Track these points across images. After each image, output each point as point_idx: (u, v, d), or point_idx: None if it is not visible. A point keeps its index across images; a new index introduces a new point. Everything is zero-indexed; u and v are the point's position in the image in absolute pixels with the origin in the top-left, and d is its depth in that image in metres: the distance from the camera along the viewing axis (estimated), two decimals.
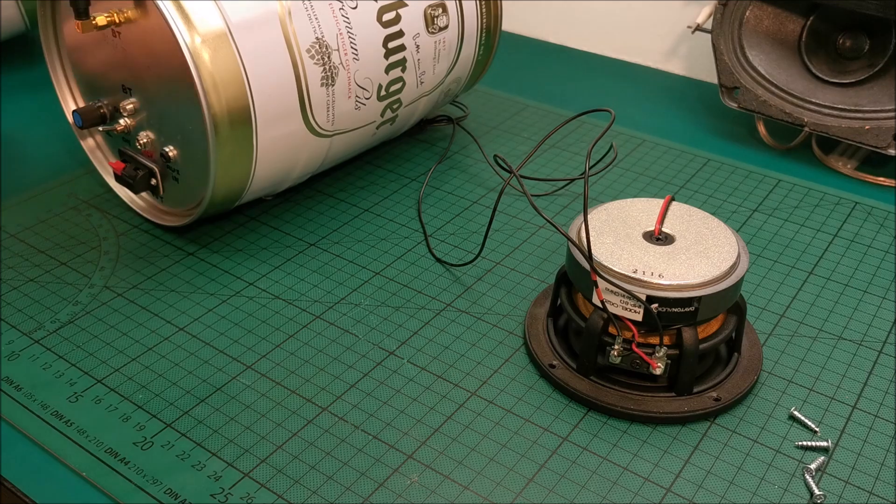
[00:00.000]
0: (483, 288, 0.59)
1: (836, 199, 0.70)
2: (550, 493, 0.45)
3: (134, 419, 0.48)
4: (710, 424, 0.49)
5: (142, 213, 0.64)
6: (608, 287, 0.47)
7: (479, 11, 0.69)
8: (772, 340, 0.55)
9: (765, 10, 0.76)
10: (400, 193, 0.69)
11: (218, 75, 0.53)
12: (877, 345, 0.55)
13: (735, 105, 0.76)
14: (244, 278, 0.59)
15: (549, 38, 1.02)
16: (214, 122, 0.54)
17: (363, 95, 0.62)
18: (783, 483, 0.46)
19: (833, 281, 0.61)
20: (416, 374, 0.52)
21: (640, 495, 0.45)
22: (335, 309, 0.57)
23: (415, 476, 0.46)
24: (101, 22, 0.55)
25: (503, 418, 0.49)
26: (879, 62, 0.73)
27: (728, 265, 0.48)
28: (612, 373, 0.51)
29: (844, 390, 0.52)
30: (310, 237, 0.64)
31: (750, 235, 0.65)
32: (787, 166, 0.75)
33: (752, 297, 0.59)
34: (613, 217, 0.52)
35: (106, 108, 0.61)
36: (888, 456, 0.47)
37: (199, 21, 0.53)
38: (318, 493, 0.44)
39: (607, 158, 0.74)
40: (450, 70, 0.69)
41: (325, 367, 0.52)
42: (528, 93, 0.87)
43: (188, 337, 0.54)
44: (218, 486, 0.45)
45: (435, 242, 0.64)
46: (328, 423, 0.48)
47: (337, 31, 0.59)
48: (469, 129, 0.78)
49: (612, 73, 0.94)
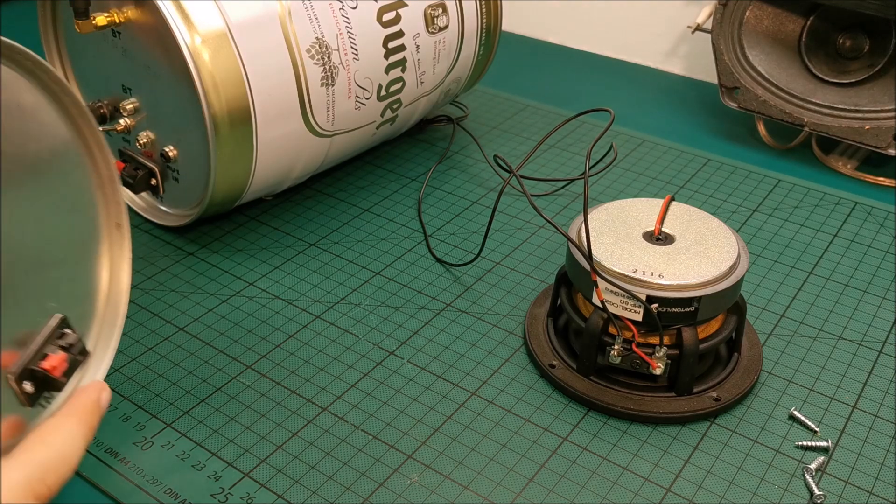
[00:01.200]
0: (483, 288, 0.59)
1: (836, 199, 0.70)
2: (550, 493, 0.45)
3: (134, 419, 0.48)
4: (710, 424, 0.49)
5: (142, 213, 0.64)
6: (608, 287, 0.47)
7: (479, 11, 0.69)
8: (772, 340, 0.55)
9: (765, 10, 0.76)
10: (400, 193, 0.69)
11: (218, 75, 0.53)
12: (877, 345, 0.55)
13: (735, 105, 0.76)
14: (244, 278, 0.59)
15: (549, 38, 1.02)
16: (214, 122, 0.54)
17: (363, 95, 0.62)
18: (783, 483, 0.46)
19: (833, 281, 0.61)
20: (416, 374, 0.52)
21: (640, 495, 0.45)
22: (335, 309, 0.57)
23: (415, 476, 0.46)
24: (101, 22, 0.55)
25: (503, 418, 0.49)
26: (879, 62, 0.73)
27: (728, 265, 0.48)
28: (612, 373, 0.51)
29: (844, 390, 0.52)
30: (310, 237, 0.64)
31: (750, 235, 0.65)
32: (787, 166, 0.75)
33: (752, 297, 0.59)
34: (613, 217, 0.52)
35: (106, 107, 0.61)
36: (888, 456, 0.47)
37: (199, 21, 0.53)
38: (318, 493, 0.44)
39: (607, 158, 0.74)
40: (450, 70, 0.69)
41: (325, 367, 0.52)
42: (528, 93, 0.87)
43: (188, 337, 0.54)
44: (218, 486, 0.45)
45: (435, 242, 0.64)
46: (328, 423, 0.48)
47: (337, 31, 0.59)
48: (469, 129, 0.78)
49: (612, 73, 0.94)
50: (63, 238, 0.42)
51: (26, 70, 0.38)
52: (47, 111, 0.40)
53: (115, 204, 0.44)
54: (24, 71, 0.38)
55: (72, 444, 0.36)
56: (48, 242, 0.41)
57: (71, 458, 0.36)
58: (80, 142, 0.42)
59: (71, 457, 0.36)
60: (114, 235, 0.45)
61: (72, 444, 0.36)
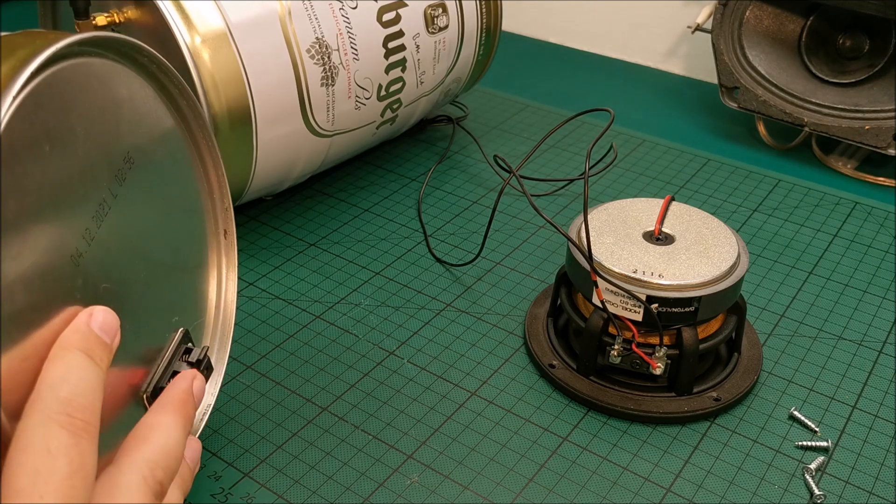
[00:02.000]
0: (483, 288, 0.59)
1: (836, 199, 0.70)
2: (550, 493, 0.45)
3: None
4: (710, 424, 0.49)
5: None
6: (608, 287, 0.47)
7: (479, 11, 0.69)
8: (772, 340, 0.55)
9: (765, 10, 0.76)
10: (400, 193, 0.69)
11: (218, 75, 0.53)
12: (877, 345, 0.55)
13: (735, 105, 0.76)
14: (244, 278, 0.59)
15: (549, 38, 1.02)
16: (214, 122, 0.54)
17: (363, 95, 0.62)
18: (783, 483, 0.46)
19: (833, 281, 0.61)
20: (416, 374, 0.52)
21: (640, 495, 0.45)
22: (335, 309, 0.57)
23: (415, 476, 0.46)
24: (100, 22, 0.55)
25: (503, 418, 0.49)
26: (879, 62, 0.73)
27: (728, 265, 0.48)
28: (612, 373, 0.51)
29: (844, 390, 0.52)
30: (310, 237, 0.64)
31: (750, 235, 0.65)
32: (787, 166, 0.75)
33: (752, 297, 0.59)
34: (613, 217, 0.52)
35: None
36: (888, 456, 0.47)
37: (199, 21, 0.53)
38: (318, 493, 0.44)
39: (607, 158, 0.74)
40: (450, 70, 0.69)
41: (325, 367, 0.52)
42: (528, 93, 0.87)
43: None
44: (218, 486, 0.45)
45: (435, 242, 0.64)
46: (328, 423, 0.48)
47: (337, 31, 0.59)
48: (469, 129, 0.78)
49: (612, 73, 0.94)
50: (178, 245, 0.41)
51: (139, 66, 0.37)
52: (161, 111, 0.39)
53: (223, 210, 0.44)
54: (138, 68, 0.37)
55: (173, 436, 0.35)
56: (168, 249, 0.40)
57: (175, 449, 0.35)
58: (192, 145, 0.42)
59: (175, 448, 0.35)
60: (221, 243, 0.44)
61: (173, 436, 0.35)
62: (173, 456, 0.35)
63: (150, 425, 0.35)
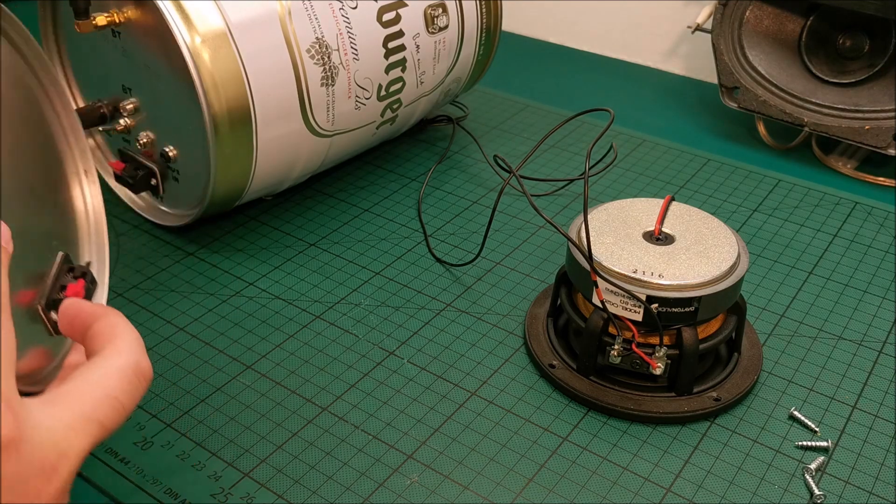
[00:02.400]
0: (483, 288, 0.59)
1: (836, 199, 0.70)
2: (550, 493, 0.45)
3: (134, 419, 0.48)
4: (710, 424, 0.49)
5: (142, 213, 0.64)
6: (608, 287, 0.47)
7: (479, 11, 0.69)
8: (772, 340, 0.55)
9: (765, 10, 0.76)
10: (400, 193, 0.69)
11: (218, 75, 0.53)
12: (877, 345, 0.55)
13: (735, 105, 0.76)
14: (244, 278, 0.59)
15: (549, 38, 1.02)
16: (214, 122, 0.54)
17: (363, 95, 0.62)
18: (783, 483, 0.46)
19: (833, 281, 0.61)
20: (416, 374, 0.52)
21: (640, 495, 0.45)
22: (335, 309, 0.57)
23: (415, 476, 0.46)
24: (100, 22, 0.55)
25: (503, 418, 0.49)
26: (879, 62, 0.73)
27: (728, 265, 0.48)
28: (612, 373, 0.51)
29: (844, 390, 0.52)
30: (310, 237, 0.64)
31: (750, 235, 0.65)
32: (787, 166, 0.75)
33: (752, 297, 0.59)
34: (613, 217, 0.52)
35: (106, 107, 0.61)
36: (888, 456, 0.47)
37: (199, 21, 0.53)
38: (318, 493, 0.44)
39: (607, 158, 0.74)
40: (450, 70, 0.69)
41: (325, 367, 0.52)
42: (528, 93, 0.87)
43: (188, 337, 0.54)
44: (218, 486, 0.45)
45: (435, 242, 0.64)
46: (328, 423, 0.48)
47: (337, 31, 0.59)
48: (469, 129, 0.78)
49: (612, 73, 0.94)
50: (44, 177, 0.44)
51: None
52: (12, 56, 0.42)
53: (80, 151, 0.47)
54: None
55: (114, 379, 0.35)
56: (36, 182, 0.43)
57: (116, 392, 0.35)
58: (41, 90, 0.44)
59: (116, 391, 0.35)
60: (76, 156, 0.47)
61: (114, 379, 0.35)
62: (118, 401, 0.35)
63: (93, 365, 0.36)
